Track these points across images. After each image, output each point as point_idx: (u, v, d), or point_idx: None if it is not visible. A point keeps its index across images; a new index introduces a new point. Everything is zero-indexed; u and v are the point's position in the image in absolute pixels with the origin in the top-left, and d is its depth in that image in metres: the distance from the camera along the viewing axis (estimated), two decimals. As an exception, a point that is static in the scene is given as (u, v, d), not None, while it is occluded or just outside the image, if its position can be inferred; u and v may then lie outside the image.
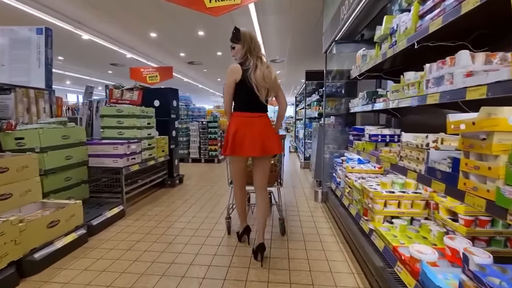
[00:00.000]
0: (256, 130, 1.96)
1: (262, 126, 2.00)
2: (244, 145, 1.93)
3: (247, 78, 1.91)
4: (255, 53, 1.98)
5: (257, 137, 1.94)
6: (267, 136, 1.99)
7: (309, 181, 4.61)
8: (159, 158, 3.83)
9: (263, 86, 1.93)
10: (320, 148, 3.97)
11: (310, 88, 7.11)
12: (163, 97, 4.15)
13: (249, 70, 1.92)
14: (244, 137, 1.93)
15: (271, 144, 2.00)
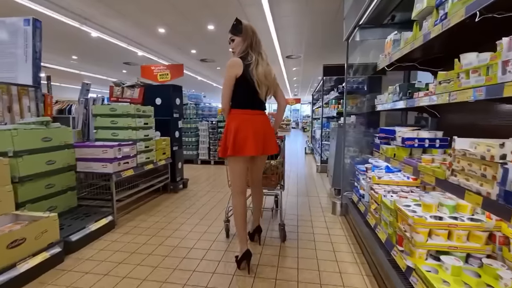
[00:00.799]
0: (259, 128, 1.87)
1: (263, 124, 1.93)
2: (247, 144, 1.81)
3: (248, 73, 1.80)
4: (257, 48, 1.88)
5: (259, 135, 1.86)
6: (268, 135, 1.94)
7: (326, 189, 4.11)
8: (159, 162, 3.49)
9: (264, 83, 1.85)
10: (340, 152, 3.47)
11: (328, 85, 6.57)
12: (165, 94, 3.81)
13: (250, 66, 1.81)
14: (247, 135, 1.82)
15: (271, 144, 1.96)
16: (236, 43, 1.88)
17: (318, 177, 4.98)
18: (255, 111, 1.92)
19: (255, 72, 1.81)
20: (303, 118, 23.65)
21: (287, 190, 4.00)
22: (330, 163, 4.06)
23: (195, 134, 6.32)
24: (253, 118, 1.89)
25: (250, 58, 1.83)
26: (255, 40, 1.88)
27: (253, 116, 1.90)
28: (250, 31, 1.87)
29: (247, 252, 1.88)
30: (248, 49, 1.86)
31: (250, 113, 1.89)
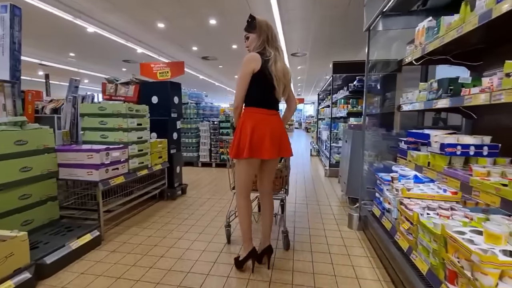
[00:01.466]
0: (275, 129, 1.77)
1: (279, 125, 1.83)
2: (263, 146, 1.71)
3: (267, 69, 1.70)
4: (274, 43, 1.78)
5: (276, 137, 1.77)
6: (284, 137, 1.84)
7: (337, 195, 3.76)
8: (155, 166, 3.16)
9: (282, 81, 1.75)
10: (356, 157, 3.11)
11: (336, 83, 6.20)
12: (162, 92, 3.48)
13: (269, 61, 1.71)
14: (263, 136, 1.72)
15: (287, 146, 1.86)
16: (251, 40, 1.80)
17: (327, 182, 4.63)
18: (271, 111, 1.81)
19: (274, 68, 1.70)
20: (306, 118, 23.27)
21: (295, 197, 3.66)
22: (342, 168, 3.71)
23: (196, 135, 5.99)
24: (270, 118, 1.78)
25: (269, 53, 1.73)
26: (271, 35, 1.78)
27: (270, 116, 1.79)
28: (264, 26, 1.77)
29: (253, 251, 1.81)
30: (264, 45, 1.76)
31: (266, 112, 1.78)
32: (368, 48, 2.70)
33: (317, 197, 3.70)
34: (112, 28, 6.03)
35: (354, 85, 4.89)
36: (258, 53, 1.74)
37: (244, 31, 1.82)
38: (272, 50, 1.75)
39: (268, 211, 1.97)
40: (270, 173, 1.95)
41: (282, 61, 1.77)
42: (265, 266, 1.92)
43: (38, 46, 7.60)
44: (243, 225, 1.85)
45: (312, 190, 4.05)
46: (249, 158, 1.72)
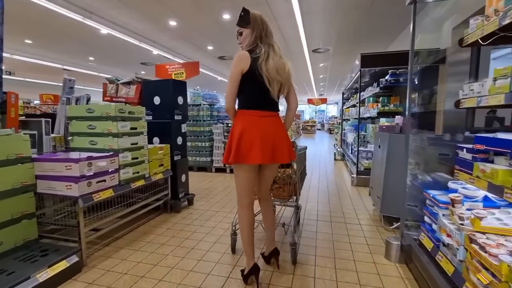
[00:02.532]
0: (267, 132, 1.62)
1: (273, 127, 1.67)
2: (252, 151, 1.58)
3: (257, 68, 1.57)
4: (267, 40, 1.65)
5: (268, 141, 1.61)
6: (279, 140, 1.66)
7: (367, 210, 3.16)
8: (155, 176, 2.78)
9: (276, 79, 1.61)
10: (395, 168, 2.52)
11: (363, 80, 5.53)
12: (164, 92, 3.10)
13: (259, 59, 1.58)
14: (252, 140, 1.59)
15: (283, 151, 1.67)
16: (244, 36, 1.67)
17: (354, 192, 4.01)
18: (265, 112, 1.66)
19: (264, 66, 1.57)
20: (329, 119, 22.32)
21: (317, 211, 3.12)
22: (374, 178, 3.11)
23: (209, 138, 5.61)
24: (262, 121, 1.64)
25: (259, 50, 1.60)
26: (265, 30, 1.65)
27: (262, 118, 1.64)
28: (259, 20, 1.64)
29: (254, 267, 1.71)
30: (257, 41, 1.63)
31: (258, 114, 1.64)
32: (413, 26, 2.10)
33: (344, 212, 3.12)
34: (123, 28, 5.85)
35: (386, 80, 4.24)
36: (249, 50, 1.62)
37: (237, 26, 1.67)
38: (265, 46, 1.61)
39: (268, 213, 1.89)
40: (267, 180, 1.82)
41: (276, 57, 1.61)
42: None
43: (59, 50, 7.69)
44: (243, 238, 1.72)
45: (337, 203, 3.48)
46: (237, 163, 1.61)
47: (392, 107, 4.59)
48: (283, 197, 2.24)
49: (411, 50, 2.12)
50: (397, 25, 5.58)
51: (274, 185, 2.23)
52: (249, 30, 1.65)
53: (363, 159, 4.70)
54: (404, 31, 5.87)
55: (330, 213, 3.10)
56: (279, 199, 2.27)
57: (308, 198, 3.66)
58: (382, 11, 4.98)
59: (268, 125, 1.64)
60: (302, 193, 3.91)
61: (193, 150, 5.69)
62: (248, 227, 1.70)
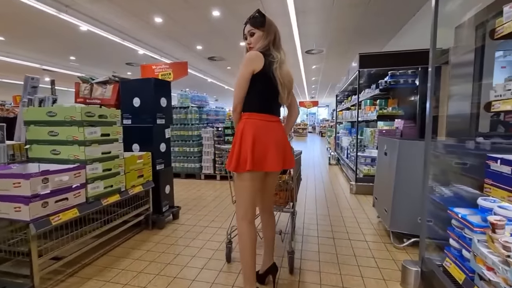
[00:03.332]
0: (280, 138, 1.57)
1: (282, 133, 1.61)
2: (268, 157, 1.49)
3: (271, 72, 1.51)
4: (279, 47, 1.59)
5: (281, 146, 1.56)
6: (287, 146, 1.62)
7: (371, 222, 2.88)
8: (133, 189, 2.41)
9: (288, 86, 1.57)
10: (408, 180, 2.24)
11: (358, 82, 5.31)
12: (144, 92, 2.74)
13: (274, 64, 1.52)
14: (268, 146, 1.50)
15: (291, 156, 1.64)
16: (256, 38, 1.59)
17: (354, 201, 3.74)
18: (273, 117, 1.59)
19: (279, 72, 1.52)
20: (321, 122, 22.25)
21: (317, 225, 2.81)
22: (379, 187, 2.83)
23: (198, 143, 5.25)
24: (273, 126, 1.57)
25: (275, 56, 1.55)
26: (278, 36, 1.62)
27: (271, 123, 1.56)
28: (274, 26, 1.61)
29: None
30: (269, 45, 1.58)
31: (267, 118, 1.56)
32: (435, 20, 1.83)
33: (346, 225, 2.83)
34: (104, 25, 5.43)
35: (386, 82, 4.01)
36: (262, 52, 1.54)
37: (250, 26, 1.59)
38: (278, 52, 1.56)
39: (269, 227, 1.76)
40: (271, 188, 1.74)
41: (286, 66, 1.57)
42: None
43: (35, 48, 7.17)
44: (244, 258, 1.53)
45: (338, 214, 3.18)
46: (252, 171, 1.48)
47: (391, 110, 4.37)
48: (279, 204, 2.19)
49: (432, 47, 1.84)
50: (394, 23, 5.40)
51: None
52: (262, 33, 1.59)
53: (361, 164, 4.45)
54: (401, 31, 5.69)
55: (331, 227, 2.80)
56: (276, 206, 2.17)
57: (306, 209, 3.35)
58: (379, 9, 4.77)
59: (278, 131, 1.59)
60: (300, 203, 3.60)
61: (181, 156, 5.31)
62: (251, 245, 1.53)
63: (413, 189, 2.18)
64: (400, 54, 3.90)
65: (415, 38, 5.06)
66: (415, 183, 2.16)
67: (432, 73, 1.80)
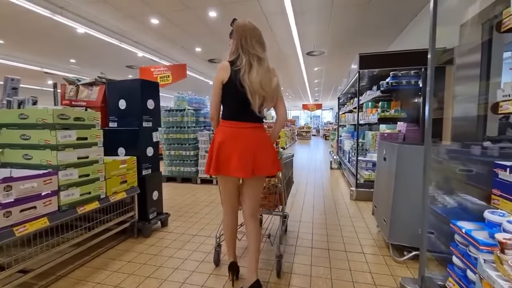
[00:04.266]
0: (246, 145, 1.55)
1: (254, 140, 1.58)
2: (230, 163, 1.54)
3: (238, 80, 1.52)
4: (249, 49, 1.55)
5: (248, 153, 1.55)
6: (260, 152, 1.58)
7: (371, 232, 2.70)
8: (115, 196, 2.28)
9: (259, 93, 1.53)
10: (407, 187, 2.06)
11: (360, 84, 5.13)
12: (131, 94, 2.63)
13: (240, 72, 1.52)
14: (231, 152, 1.55)
15: (266, 163, 1.58)
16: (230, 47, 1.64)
17: (353, 208, 3.55)
18: (245, 124, 1.58)
19: (247, 79, 1.50)
20: (325, 125, 22.02)
21: (312, 235, 2.64)
22: (379, 194, 2.66)
23: (194, 146, 5.12)
24: (242, 132, 1.57)
25: (240, 62, 1.53)
26: (245, 38, 1.55)
27: (242, 129, 1.57)
28: (240, 28, 1.58)
29: (231, 265, 1.78)
30: (238, 50, 1.56)
31: (238, 125, 1.57)
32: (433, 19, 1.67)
33: (343, 235, 2.65)
34: (101, 27, 5.38)
35: (388, 83, 3.83)
36: (232, 61, 1.57)
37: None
38: (246, 56, 1.54)
39: (252, 235, 1.67)
40: (250, 194, 1.68)
41: (261, 70, 1.54)
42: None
43: (34, 51, 7.17)
44: (225, 240, 1.81)
45: (335, 223, 3.01)
46: (218, 174, 1.61)
47: (393, 112, 4.18)
48: (268, 207, 2.20)
49: (431, 47, 1.68)
50: (398, 23, 5.22)
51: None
52: (231, 40, 1.62)
53: (362, 169, 4.26)
54: (405, 30, 5.51)
55: (327, 237, 2.62)
56: (265, 209, 2.22)
57: (302, 217, 3.18)
58: (381, 9, 4.61)
59: (248, 137, 1.57)
60: (296, 211, 3.43)
61: (177, 160, 5.19)
62: (229, 233, 1.76)
63: (413, 198, 2.01)
64: (402, 54, 3.73)
65: (420, 38, 4.88)
66: (416, 191, 1.99)
67: (431, 74, 1.63)
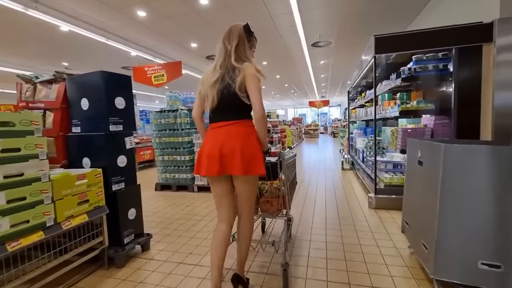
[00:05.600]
0: (214, 144, 1.52)
1: (224, 137, 1.52)
2: (201, 162, 1.57)
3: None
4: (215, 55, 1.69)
5: (214, 152, 1.51)
6: (228, 150, 1.49)
7: (401, 255, 2.11)
8: (70, 221, 1.77)
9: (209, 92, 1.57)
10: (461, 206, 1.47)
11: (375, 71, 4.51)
12: (94, 92, 2.12)
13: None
14: (201, 153, 1.58)
15: (232, 161, 1.48)
16: None
17: (374, 219, 2.97)
18: (219, 123, 1.57)
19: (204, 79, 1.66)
20: (333, 122, 21.28)
21: (326, 258, 2.08)
22: (412, 208, 2.06)
23: (190, 150, 4.61)
24: (215, 132, 1.57)
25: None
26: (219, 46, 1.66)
27: (216, 129, 1.58)
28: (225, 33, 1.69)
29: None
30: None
31: (213, 126, 1.61)
32: None
33: (366, 260, 2.07)
34: (85, 23, 4.93)
35: (410, 69, 3.22)
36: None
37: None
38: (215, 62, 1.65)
39: (241, 232, 1.66)
40: (240, 195, 1.62)
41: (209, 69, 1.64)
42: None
43: (21, 55, 6.81)
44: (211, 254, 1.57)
45: (355, 242, 2.43)
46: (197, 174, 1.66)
47: (415, 104, 3.56)
48: (271, 212, 2.08)
49: None
50: (415, 2, 4.58)
51: (261, 199, 2.08)
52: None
53: (381, 172, 3.66)
54: (425, 8, 4.82)
55: (345, 263, 2.05)
56: (268, 214, 2.12)
57: (313, 234, 2.62)
58: None
59: (218, 136, 1.53)
60: (305, 224, 2.87)
61: (171, 166, 4.69)
62: (215, 244, 1.57)
63: (471, 218, 1.43)
64: (427, 34, 3.12)
65: (443, 17, 4.23)
66: (476, 210, 1.40)
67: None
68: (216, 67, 1.59)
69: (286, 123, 13.45)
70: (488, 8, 3.02)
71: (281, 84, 14.12)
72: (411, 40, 3.17)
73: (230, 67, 1.54)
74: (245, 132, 1.53)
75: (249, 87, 1.49)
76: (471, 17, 3.06)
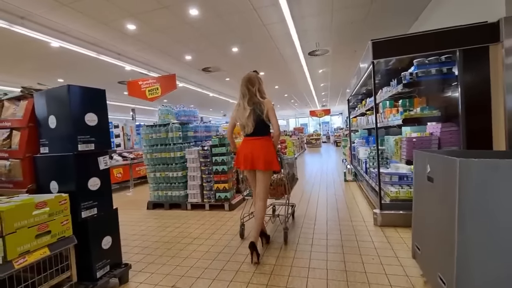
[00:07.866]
0: (249, 149, 2.50)
1: (253, 146, 2.49)
2: (239, 160, 2.58)
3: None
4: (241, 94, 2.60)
5: (248, 155, 2.48)
6: (256, 155, 2.45)
7: (411, 283, 1.82)
8: (26, 257, 1.53)
9: (243, 121, 2.52)
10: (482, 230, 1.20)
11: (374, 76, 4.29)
12: (62, 108, 1.92)
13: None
14: (239, 154, 2.59)
15: (259, 161, 2.44)
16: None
17: (380, 238, 2.67)
18: (249, 137, 2.54)
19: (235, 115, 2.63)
20: (335, 131, 21.03)
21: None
22: (424, 230, 1.79)
23: (182, 166, 4.38)
24: (247, 142, 2.55)
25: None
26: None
27: (248, 141, 2.55)
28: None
29: (251, 244, 2.27)
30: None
31: (246, 139, 2.58)
32: None
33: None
34: (75, 39, 4.83)
35: (411, 74, 3.00)
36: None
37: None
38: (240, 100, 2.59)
39: (257, 210, 2.46)
40: (260, 182, 2.50)
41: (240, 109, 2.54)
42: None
43: (14, 73, 6.75)
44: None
45: (360, 270, 2.14)
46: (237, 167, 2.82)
47: (419, 111, 3.31)
48: (276, 195, 3.02)
49: None
50: (414, 5, 4.42)
51: (270, 187, 2.84)
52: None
53: (386, 184, 3.38)
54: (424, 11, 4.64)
55: (349, 296, 1.77)
56: (275, 197, 3.03)
57: (311, 262, 2.33)
58: None
59: (251, 145, 2.50)
60: (303, 253, 2.58)
61: (163, 183, 4.46)
62: (256, 214, 2.46)
63: (499, 246, 1.16)
64: (428, 36, 2.91)
65: (443, 19, 4.05)
66: (505, 236, 1.14)
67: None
68: (245, 104, 2.47)
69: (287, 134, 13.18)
70: (491, 7, 2.82)
71: (280, 94, 14.00)
72: (411, 43, 2.97)
73: (257, 102, 2.45)
74: (266, 144, 2.49)
75: (271, 117, 2.44)
76: (471, 18, 2.86)
